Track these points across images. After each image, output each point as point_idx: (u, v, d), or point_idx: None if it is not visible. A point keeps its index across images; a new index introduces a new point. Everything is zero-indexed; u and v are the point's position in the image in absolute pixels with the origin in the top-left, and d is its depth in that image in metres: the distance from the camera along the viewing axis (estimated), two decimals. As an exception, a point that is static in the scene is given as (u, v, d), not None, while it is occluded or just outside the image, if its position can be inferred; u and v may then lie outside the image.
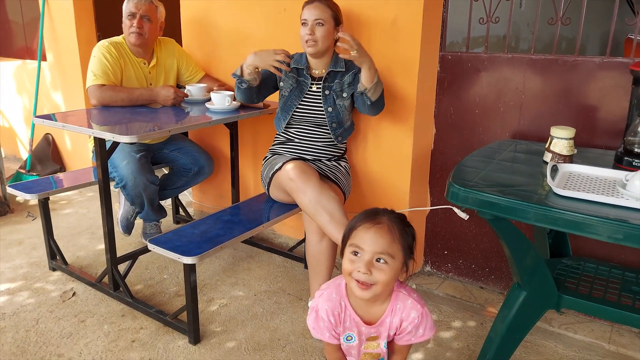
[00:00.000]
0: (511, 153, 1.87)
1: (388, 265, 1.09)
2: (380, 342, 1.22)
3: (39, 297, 2.32)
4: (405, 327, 1.19)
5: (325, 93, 2.18)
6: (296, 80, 2.22)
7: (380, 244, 1.09)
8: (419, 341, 1.20)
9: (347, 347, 1.26)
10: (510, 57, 2.11)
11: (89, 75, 2.46)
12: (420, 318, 1.19)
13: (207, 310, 2.23)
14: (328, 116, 2.19)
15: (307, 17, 2.08)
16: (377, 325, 1.20)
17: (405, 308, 1.17)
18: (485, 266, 2.36)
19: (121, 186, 2.50)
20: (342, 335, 1.24)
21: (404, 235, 1.13)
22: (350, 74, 2.17)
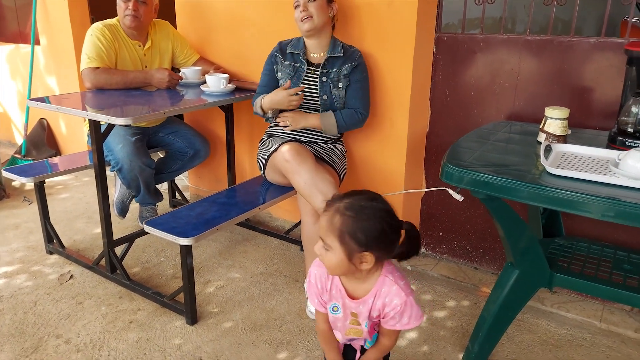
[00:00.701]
0: (506, 134, 1.88)
1: (329, 252, 1.12)
2: (361, 322, 1.23)
3: (36, 280, 2.33)
4: (388, 312, 1.19)
5: (323, 80, 2.17)
6: (293, 67, 2.21)
7: (320, 230, 1.13)
8: (405, 329, 1.21)
9: (334, 319, 1.28)
10: (506, 38, 2.11)
11: (83, 58, 2.44)
12: (403, 306, 1.17)
13: (204, 292, 2.24)
14: (322, 103, 2.18)
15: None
16: (359, 302, 1.21)
17: (389, 294, 1.17)
18: (480, 247, 2.38)
19: (117, 169, 2.50)
20: (329, 304, 1.26)
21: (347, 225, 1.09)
22: (348, 65, 2.16)
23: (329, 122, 2.16)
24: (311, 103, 2.21)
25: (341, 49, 2.17)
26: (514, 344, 1.91)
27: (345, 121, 2.17)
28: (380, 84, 2.30)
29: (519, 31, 2.13)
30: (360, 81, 2.19)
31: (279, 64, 2.25)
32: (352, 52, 2.19)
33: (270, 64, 2.28)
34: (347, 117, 2.18)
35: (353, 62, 2.16)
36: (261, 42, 2.63)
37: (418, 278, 2.36)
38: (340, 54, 2.17)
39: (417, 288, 2.28)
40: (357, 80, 2.18)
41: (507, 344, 1.91)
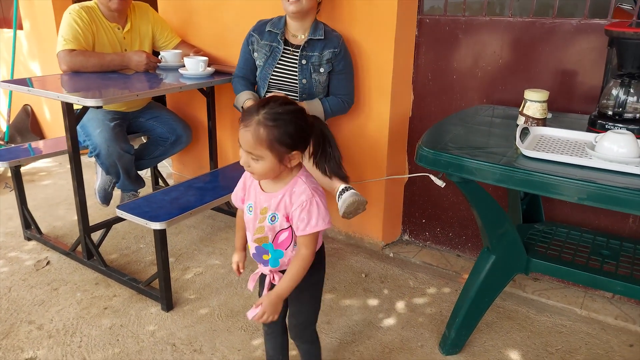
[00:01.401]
0: (487, 117, 1.84)
1: (258, 162, 1.19)
2: (268, 215, 1.27)
3: (12, 266, 2.29)
4: (294, 212, 1.23)
5: (302, 63, 2.12)
6: (269, 47, 2.16)
7: (247, 145, 1.18)
8: (315, 230, 1.22)
9: (247, 219, 1.33)
10: (488, 19, 2.06)
11: (59, 40, 2.39)
12: (309, 204, 1.22)
13: (182, 278, 2.22)
14: (300, 87, 2.14)
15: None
16: (270, 196, 1.26)
17: (297, 192, 1.24)
18: (462, 234, 2.36)
19: (95, 155, 2.45)
20: (246, 203, 1.33)
21: (272, 133, 1.16)
22: (330, 50, 2.11)
23: (316, 110, 2.12)
24: (289, 85, 2.16)
25: (322, 32, 2.12)
26: (493, 331, 1.89)
27: (332, 109, 2.16)
28: (362, 67, 2.26)
29: (499, 3, 2.09)
30: (344, 70, 2.16)
31: (255, 43, 2.20)
32: (333, 36, 2.14)
33: (247, 45, 2.24)
34: (334, 106, 2.16)
35: (336, 47, 2.12)
36: (242, 25, 2.57)
37: (400, 265, 2.34)
38: (321, 37, 2.12)
39: (398, 275, 2.26)
40: (342, 70, 2.15)
41: (486, 330, 1.89)
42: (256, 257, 1.36)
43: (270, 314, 1.25)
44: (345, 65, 2.16)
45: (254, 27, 2.23)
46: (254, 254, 1.36)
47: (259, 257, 1.35)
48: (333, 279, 2.22)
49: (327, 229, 1.35)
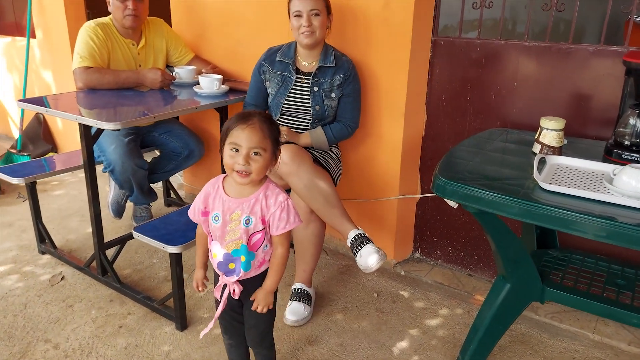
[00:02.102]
0: (501, 143, 1.85)
1: (261, 157, 1.30)
2: (242, 218, 1.35)
3: (27, 281, 2.32)
4: (274, 213, 1.35)
5: (314, 90, 2.14)
6: (281, 77, 2.19)
7: (254, 140, 1.28)
8: (292, 227, 1.37)
9: (213, 228, 1.39)
10: (504, 43, 2.06)
11: (75, 57, 2.41)
12: (286, 203, 1.36)
13: (195, 296, 2.23)
14: (314, 113, 2.17)
15: (301, 8, 2.04)
16: (242, 200, 1.35)
17: (273, 195, 1.36)
18: (474, 254, 2.36)
19: (109, 170, 2.48)
20: (211, 214, 1.39)
21: (272, 131, 1.32)
22: (340, 75, 2.14)
23: (319, 139, 2.16)
24: (302, 112, 2.19)
25: (333, 59, 2.14)
26: (506, 355, 1.89)
27: (335, 136, 2.19)
28: (376, 87, 2.27)
29: (519, 31, 2.08)
30: (352, 94, 2.18)
31: (267, 73, 2.23)
32: (344, 61, 2.17)
33: (258, 74, 2.27)
34: (337, 132, 2.19)
35: (346, 72, 2.14)
36: (255, 41, 2.59)
37: (411, 284, 2.35)
38: (332, 64, 2.14)
39: (410, 295, 2.27)
40: (349, 93, 2.17)
41: (499, 354, 1.89)
42: (221, 267, 1.43)
43: (265, 305, 1.43)
44: (353, 89, 2.19)
45: (264, 55, 2.25)
46: (219, 263, 1.42)
47: (224, 266, 1.42)
48: (345, 298, 2.23)
49: (338, 247, 1.38)
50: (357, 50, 2.26)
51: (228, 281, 1.42)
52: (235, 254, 1.38)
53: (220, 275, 1.44)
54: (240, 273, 1.40)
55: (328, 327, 2.04)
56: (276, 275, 1.43)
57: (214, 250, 1.42)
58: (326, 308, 2.16)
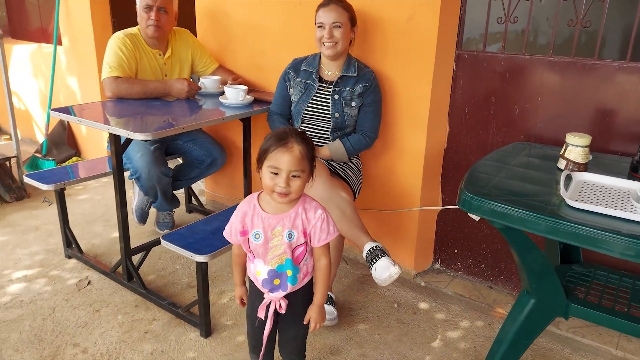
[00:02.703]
0: (525, 158, 1.86)
1: (300, 178, 1.34)
2: (284, 233, 1.38)
3: (55, 285, 2.38)
4: (315, 225, 1.38)
5: (335, 98, 2.18)
6: (304, 84, 2.25)
7: (293, 163, 1.31)
8: (333, 237, 1.41)
9: (255, 246, 1.41)
10: (528, 58, 2.08)
11: (104, 67, 2.47)
12: (325, 215, 1.40)
13: (219, 302, 2.27)
14: (333, 121, 2.20)
15: (324, 20, 2.09)
16: (282, 216, 1.38)
17: (311, 208, 1.40)
18: (495, 266, 2.37)
19: (135, 178, 2.53)
20: (251, 233, 1.41)
21: (308, 150, 1.35)
22: (361, 85, 2.17)
23: (338, 151, 2.19)
24: (322, 119, 2.22)
25: (355, 69, 2.19)
26: (527, 369, 1.90)
27: (354, 147, 2.21)
28: (398, 99, 2.29)
29: (541, 44, 2.09)
30: (372, 104, 2.21)
31: (291, 80, 2.28)
32: (365, 72, 2.20)
33: (283, 82, 2.32)
34: (356, 144, 2.21)
35: (367, 82, 2.18)
36: (279, 51, 2.63)
37: (432, 295, 2.36)
38: (353, 74, 2.18)
39: (430, 306, 2.28)
40: (370, 103, 2.20)
41: (520, 368, 1.89)
42: (266, 284, 1.44)
43: (320, 321, 1.48)
44: (374, 100, 2.21)
45: (290, 64, 2.31)
46: (264, 281, 1.44)
47: (269, 283, 1.43)
48: (366, 308, 2.25)
49: (358, 256, 1.40)
50: (380, 62, 2.29)
51: (274, 298, 1.43)
52: (280, 269, 1.41)
53: (265, 292, 1.45)
54: (287, 288, 1.42)
55: (349, 337, 2.06)
56: (324, 287, 1.47)
57: (257, 269, 1.43)
58: (347, 318, 2.18)
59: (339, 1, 2.11)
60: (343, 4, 2.11)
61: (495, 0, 2.11)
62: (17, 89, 4.56)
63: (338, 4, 2.10)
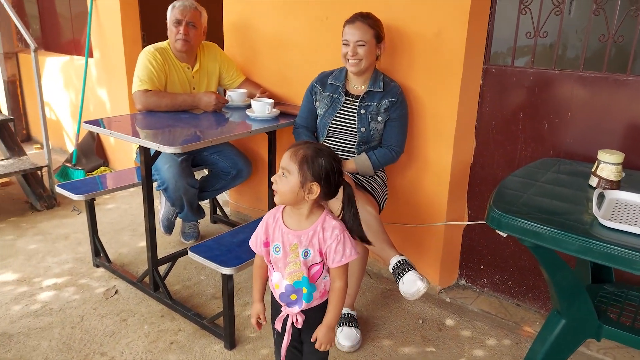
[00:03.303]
0: (555, 174, 1.83)
1: (286, 178, 1.33)
2: (300, 250, 1.37)
3: (83, 294, 2.42)
4: (330, 246, 1.36)
5: (361, 112, 2.19)
6: (330, 98, 2.25)
7: (285, 159, 1.34)
8: (349, 260, 1.37)
9: (275, 259, 1.42)
10: (558, 73, 2.05)
11: (135, 80, 2.53)
12: (342, 235, 1.37)
13: (243, 314, 2.28)
14: (359, 135, 2.20)
15: (349, 38, 2.11)
16: (300, 233, 1.38)
17: (329, 227, 1.37)
18: (523, 284, 2.32)
19: (163, 189, 2.57)
20: (272, 245, 1.42)
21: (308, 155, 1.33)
22: (388, 100, 2.17)
23: (364, 165, 2.19)
24: (348, 133, 2.23)
25: (382, 84, 2.19)
26: (557, 391, 1.85)
27: (379, 161, 2.20)
28: (425, 113, 2.28)
29: (569, 57, 2.06)
30: (399, 119, 2.20)
31: (318, 94, 2.30)
32: (392, 87, 2.20)
33: (310, 95, 2.34)
34: (382, 157, 2.20)
35: (393, 97, 2.18)
36: (305, 65, 2.65)
37: (457, 312, 2.33)
38: (380, 89, 2.18)
39: (456, 323, 2.25)
40: (396, 118, 2.20)
41: (549, 389, 1.85)
42: (283, 298, 1.44)
43: (327, 343, 1.43)
44: (401, 115, 2.21)
45: (316, 78, 2.33)
46: (282, 294, 1.44)
47: (286, 297, 1.43)
48: (390, 324, 2.24)
49: (382, 270, 1.38)
50: (407, 76, 2.29)
51: (291, 312, 1.44)
52: (297, 285, 1.41)
53: (283, 305, 1.46)
54: (302, 305, 1.42)
55: (374, 352, 2.05)
56: (336, 309, 1.43)
57: (276, 281, 1.44)
58: (371, 333, 2.17)
59: (365, 18, 2.11)
60: (369, 21, 2.11)
61: (524, 15, 2.10)
62: (49, 100, 4.70)
63: (364, 22, 2.10)
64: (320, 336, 1.42)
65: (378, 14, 2.15)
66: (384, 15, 2.19)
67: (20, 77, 5.00)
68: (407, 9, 2.22)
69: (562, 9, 2.00)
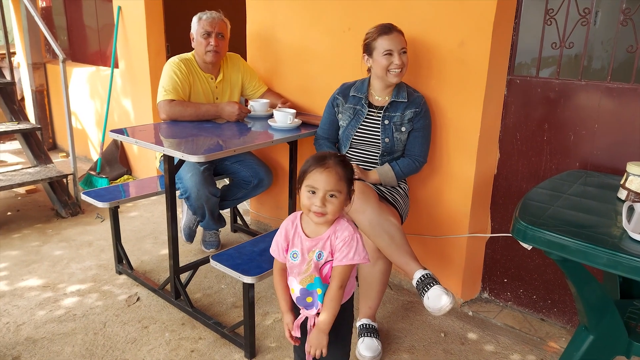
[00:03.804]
0: (581, 186, 1.80)
1: (337, 199, 1.36)
2: (315, 253, 1.40)
3: (106, 300, 2.45)
4: (337, 245, 1.39)
5: (385, 123, 2.19)
6: (353, 110, 2.25)
7: (330, 183, 1.34)
8: (350, 263, 1.38)
9: (291, 265, 1.44)
10: (584, 84, 2.02)
11: (160, 90, 2.57)
12: (350, 238, 1.38)
13: (263, 324, 2.27)
14: (383, 146, 2.20)
15: (393, 47, 2.09)
16: (317, 239, 1.41)
17: (341, 229, 1.40)
18: (548, 298, 2.28)
19: (185, 197, 2.60)
20: (290, 251, 1.44)
21: (347, 172, 1.38)
22: (411, 110, 2.17)
23: (387, 175, 2.19)
24: (372, 145, 2.22)
25: (405, 94, 2.19)
26: (584, 409, 1.79)
27: (403, 172, 2.20)
28: (447, 124, 2.27)
29: (595, 68, 2.03)
30: (422, 129, 2.20)
31: (340, 106, 2.30)
32: (415, 97, 2.20)
33: (331, 107, 2.34)
34: (405, 168, 2.20)
35: (417, 107, 2.17)
36: (327, 76, 2.67)
37: (480, 326, 2.29)
38: (404, 100, 2.18)
39: (479, 337, 2.21)
40: (420, 128, 2.19)
41: (576, 408, 1.80)
42: (300, 302, 1.47)
43: (317, 347, 1.42)
44: (424, 125, 2.20)
45: (338, 90, 2.33)
46: (298, 298, 1.47)
47: (303, 300, 1.46)
48: (411, 336, 2.21)
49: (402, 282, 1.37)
50: (430, 86, 2.28)
51: (309, 314, 1.46)
52: (310, 287, 1.43)
53: (301, 309, 1.48)
54: (319, 305, 1.44)
55: (395, 365, 2.03)
56: (327, 311, 1.40)
57: (292, 286, 1.47)
58: (392, 345, 2.14)
59: (395, 27, 2.13)
60: (400, 30, 2.14)
61: (549, 25, 2.08)
62: (75, 109, 4.80)
63: (397, 30, 2.12)
64: (311, 339, 1.42)
65: (401, 25, 2.16)
66: (407, 26, 2.19)
67: (48, 87, 5.14)
68: (431, 19, 2.22)
69: (588, 19, 1.98)
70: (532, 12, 2.11)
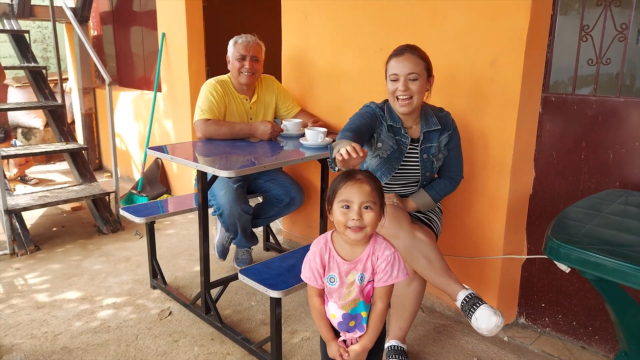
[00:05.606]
0: (621, 206, 1.72)
1: (372, 210, 1.34)
2: (356, 275, 1.37)
3: (139, 314, 2.50)
4: (379, 265, 1.37)
5: (424, 157, 2.05)
6: (396, 141, 2.03)
7: (364, 194, 1.32)
8: (396, 281, 1.37)
9: (329, 289, 1.41)
10: (623, 101, 1.96)
11: (197, 110, 2.66)
12: (393, 257, 1.37)
13: (290, 342, 2.26)
14: (422, 179, 2.09)
15: (399, 71, 1.91)
16: (356, 261, 1.38)
17: (380, 248, 1.38)
18: (589, 325, 2.16)
19: (218, 214, 2.65)
20: (327, 276, 1.41)
21: (377, 184, 1.37)
22: (446, 135, 2.05)
23: (424, 201, 2.09)
24: (410, 177, 2.11)
25: (435, 120, 2.04)
26: None
27: (440, 194, 2.11)
28: (481, 144, 2.24)
29: (638, 87, 1.96)
30: (455, 147, 2.10)
31: (381, 133, 2.04)
32: (444, 117, 2.07)
33: (374, 119, 2.02)
34: (442, 190, 2.11)
35: (449, 129, 2.06)
36: (359, 97, 2.69)
37: (516, 352, 2.19)
38: (437, 127, 2.03)
39: (513, 363, 2.12)
40: (453, 147, 2.09)
41: None
42: (342, 327, 1.43)
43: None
44: (457, 142, 2.10)
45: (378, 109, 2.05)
46: (340, 323, 1.43)
47: (345, 325, 1.42)
48: (442, 360, 2.14)
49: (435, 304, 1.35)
50: (463, 105, 2.26)
51: (352, 337, 1.43)
52: (354, 311, 1.40)
53: (342, 333, 1.45)
54: (363, 328, 1.42)
55: (424, 389, 1.96)
56: (373, 332, 1.41)
57: (332, 311, 1.44)
58: (422, 368, 2.08)
59: (413, 49, 1.94)
60: (418, 52, 1.94)
61: (585, 42, 2.03)
62: (120, 131, 5.02)
63: (413, 53, 1.92)
64: (352, 355, 1.41)
65: (432, 43, 2.16)
66: (438, 45, 2.20)
67: (96, 110, 5.40)
68: (462, 37, 2.21)
69: (625, 35, 1.93)
70: (567, 28, 2.08)
